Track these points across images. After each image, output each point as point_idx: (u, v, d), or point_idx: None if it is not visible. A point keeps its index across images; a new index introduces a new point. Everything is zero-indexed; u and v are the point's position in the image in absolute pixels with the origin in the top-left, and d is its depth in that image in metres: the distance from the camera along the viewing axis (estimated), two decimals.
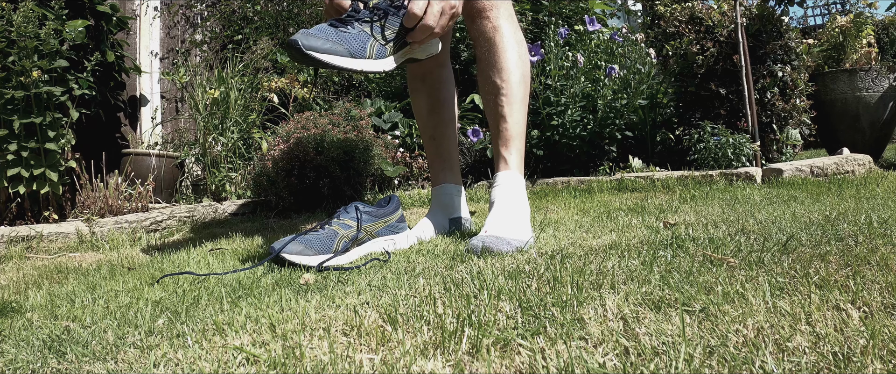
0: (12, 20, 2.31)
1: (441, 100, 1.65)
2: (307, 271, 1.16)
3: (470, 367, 0.59)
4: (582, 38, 3.17)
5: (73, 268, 1.54)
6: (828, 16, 5.94)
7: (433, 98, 1.65)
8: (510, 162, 1.38)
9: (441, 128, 1.65)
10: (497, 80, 1.40)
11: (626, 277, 0.82)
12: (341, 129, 2.63)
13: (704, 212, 1.55)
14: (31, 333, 0.86)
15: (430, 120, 1.65)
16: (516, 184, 1.36)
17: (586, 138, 2.83)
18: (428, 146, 1.68)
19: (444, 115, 1.65)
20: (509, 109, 1.40)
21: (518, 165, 1.39)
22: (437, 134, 1.65)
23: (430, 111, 1.65)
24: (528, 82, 1.46)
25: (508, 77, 1.41)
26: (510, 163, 1.38)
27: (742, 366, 0.54)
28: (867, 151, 3.28)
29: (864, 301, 0.67)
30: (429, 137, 1.66)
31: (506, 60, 1.41)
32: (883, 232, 1.03)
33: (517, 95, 1.41)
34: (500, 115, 1.40)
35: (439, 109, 1.65)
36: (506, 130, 1.39)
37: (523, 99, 1.43)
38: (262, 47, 3.51)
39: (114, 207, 2.52)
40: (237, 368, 0.62)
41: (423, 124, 1.68)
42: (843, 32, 3.56)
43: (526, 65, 1.45)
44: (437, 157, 1.64)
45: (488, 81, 1.42)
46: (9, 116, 2.30)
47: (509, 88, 1.40)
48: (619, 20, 4.61)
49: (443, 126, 1.65)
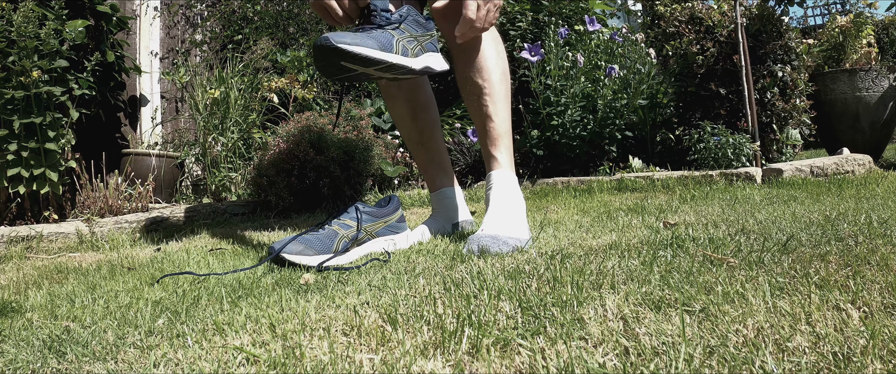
0: (12, 20, 2.31)
1: (422, 104, 1.62)
2: (307, 271, 1.16)
3: (470, 367, 0.59)
4: (582, 38, 3.17)
5: (73, 268, 1.54)
6: (828, 16, 5.94)
7: (413, 103, 1.60)
8: (501, 160, 1.39)
9: (428, 132, 1.61)
10: (478, 80, 1.40)
11: (626, 277, 0.82)
12: (341, 129, 2.63)
13: (704, 212, 1.55)
14: (31, 333, 0.86)
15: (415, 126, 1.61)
16: (509, 182, 1.37)
17: (586, 138, 2.83)
18: (417, 153, 1.64)
19: (429, 118, 1.62)
20: (494, 108, 1.40)
21: (509, 162, 1.40)
22: (424, 139, 1.61)
23: (412, 117, 1.61)
24: (509, 78, 1.46)
25: (490, 76, 1.40)
26: (501, 161, 1.39)
27: (742, 366, 0.54)
28: (867, 151, 3.28)
29: (864, 301, 0.67)
30: (416, 144, 1.62)
31: (485, 59, 1.41)
32: (883, 232, 1.03)
33: (500, 92, 1.41)
34: (485, 115, 1.40)
35: (422, 114, 1.61)
36: (493, 130, 1.40)
37: (506, 96, 1.43)
38: (262, 47, 3.51)
39: (114, 207, 2.52)
40: (237, 368, 0.62)
41: (407, 132, 1.64)
42: (843, 32, 3.56)
43: (504, 61, 1.45)
44: (430, 162, 1.61)
45: (470, 81, 1.41)
46: (9, 116, 2.30)
47: (492, 86, 1.40)
48: (619, 20, 4.61)
49: (429, 130, 1.61)
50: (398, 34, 1.22)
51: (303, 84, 3.43)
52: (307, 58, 3.63)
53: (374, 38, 1.17)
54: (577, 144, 2.81)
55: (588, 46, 3.00)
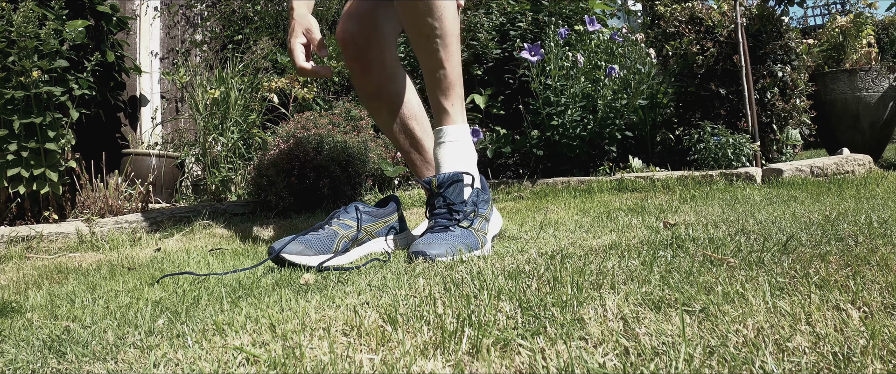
0: (12, 20, 2.31)
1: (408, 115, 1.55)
2: (307, 271, 1.16)
3: (470, 367, 0.59)
4: (582, 39, 3.16)
5: (73, 268, 1.54)
6: (828, 16, 5.94)
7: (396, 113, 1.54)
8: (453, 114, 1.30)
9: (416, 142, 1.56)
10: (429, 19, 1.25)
11: (626, 277, 0.82)
12: (341, 129, 2.63)
13: (704, 212, 1.55)
14: (31, 333, 0.86)
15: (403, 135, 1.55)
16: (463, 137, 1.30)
17: (586, 138, 2.83)
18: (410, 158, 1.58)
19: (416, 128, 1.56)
20: (446, 53, 1.28)
21: (462, 115, 1.31)
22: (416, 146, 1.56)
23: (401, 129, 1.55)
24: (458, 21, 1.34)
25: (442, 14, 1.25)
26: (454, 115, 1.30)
27: (742, 366, 0.54)
28: (867, 151, 3.28)
29: (864, 301, 0.67)
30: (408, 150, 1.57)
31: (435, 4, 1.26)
32: (883, 232, 1.03)
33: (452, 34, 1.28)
34: (437, 60, 1.28)
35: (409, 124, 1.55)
36: (445, 77, 1.29)
37: (458, 40, 1.31)
38: (262, 47, 3.51)
39: (114, 207, 2.52)
40: (237, 368, 0.62)
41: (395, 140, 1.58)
42: (843, 32, 3.56)
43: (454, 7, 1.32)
44: (426, 166, 1.57)
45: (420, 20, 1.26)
46: (9, 116, 2.30)
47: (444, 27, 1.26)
48: (619, 20, 4.60)
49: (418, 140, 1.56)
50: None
51: (303, 84, 3.43)
52: None
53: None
54: (577, 144, 2.81)
55: (588, 46, 3.00)
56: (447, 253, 1.10)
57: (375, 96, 1.56)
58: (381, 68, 1.54)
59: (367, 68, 1.54)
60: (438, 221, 1.23)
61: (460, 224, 1.22)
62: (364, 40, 1.52)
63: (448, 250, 1.11)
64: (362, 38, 1.53)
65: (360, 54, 1.53)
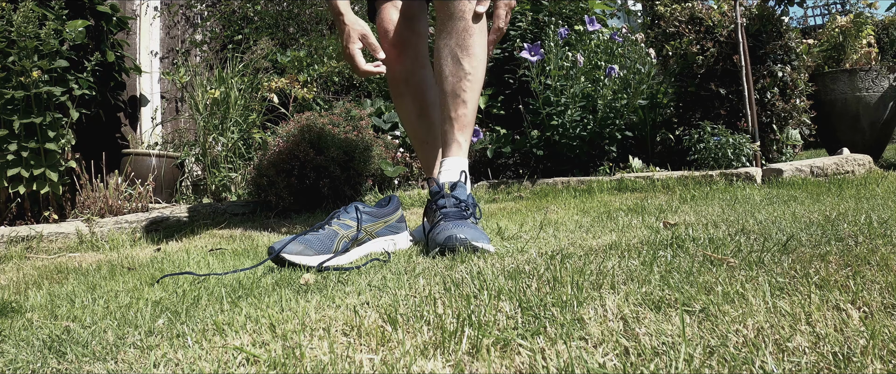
0: (12, 20, 2.31)
1: (429, 103, 1.64)
2: (307, 271, 1.16)
3: (470, 367, 0.59)
4: (582, 39, 3.16)
5: (73, 268, 1.54)
6: (828, 16, 5.94)
7: (420, 101, 1.63)
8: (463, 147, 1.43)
9: (434, 131, 1.63)
10: (465, 63, 1.41)
11: (626, 277, 0.82)
12: (341, 129, 2.63)
13: (704, 212, 1.55)
14: (31, 333, 0.86)
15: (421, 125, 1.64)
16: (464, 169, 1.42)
17: (586, 138, 2.83)
18: (421, 151, 1.66)
19: (435, 117, 1.63)
20: (472, 96, 1.42)
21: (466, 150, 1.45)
22: (430, 138, 1.63)
23: (419, 115, 1.64)
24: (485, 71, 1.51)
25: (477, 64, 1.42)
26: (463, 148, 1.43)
27: (742, 366, 0.54)
28: (867, 151, 3.28)
29: (864, 301, 0.67)
30: (421, 142, 1.65)
31: (476, 46, 1.43)
32: (883, 232, 1.03)
33: (480, 81, 1.45)
34: (462, 99, 1.42)
35: (429, 112, 1.64)
36: (464, 116, 1.42)
37: (481, 86, 1.47)
38: (262, 47, 3.51)
39: (114, 207, 2.52)
40: (237, 368, 0.62)
41: (412, 129, 1.67)
42: (843, 32, 3.56)
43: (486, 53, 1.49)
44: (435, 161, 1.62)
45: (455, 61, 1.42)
46: (9, 116, 2.30)
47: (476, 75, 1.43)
48: (619, 20, 4.60)
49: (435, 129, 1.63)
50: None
51: (303, 84, 3.43)
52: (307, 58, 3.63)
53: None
54: (577, 144, 2.81)
55: (588, 46, 3.00)
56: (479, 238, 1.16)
57: (405, 81, 1.66)
58: (415, 57, 1.67)
59: (402, 54, 1.66)
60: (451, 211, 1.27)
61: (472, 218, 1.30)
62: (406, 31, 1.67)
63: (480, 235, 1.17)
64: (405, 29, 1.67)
65: (398, 41, 1.65)
